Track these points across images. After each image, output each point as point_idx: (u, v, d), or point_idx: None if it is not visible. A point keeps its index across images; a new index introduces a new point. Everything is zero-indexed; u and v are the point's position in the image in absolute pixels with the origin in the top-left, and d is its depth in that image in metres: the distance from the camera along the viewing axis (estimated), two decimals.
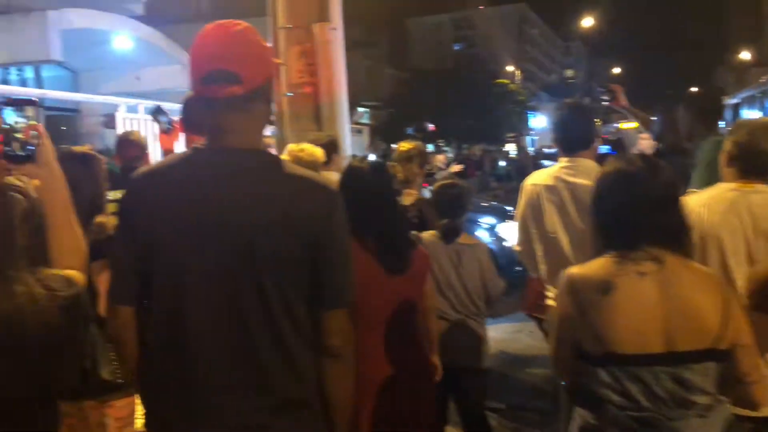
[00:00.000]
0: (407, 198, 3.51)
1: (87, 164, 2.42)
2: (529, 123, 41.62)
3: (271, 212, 1.41)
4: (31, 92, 9.64)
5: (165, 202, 1.43)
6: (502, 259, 5.97)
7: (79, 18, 11.32)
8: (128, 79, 14.16)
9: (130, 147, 3.82)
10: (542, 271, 2.87)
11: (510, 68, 37.87)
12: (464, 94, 29.96)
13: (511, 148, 34.93)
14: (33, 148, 1.39)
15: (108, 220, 2.20)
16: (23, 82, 13.55)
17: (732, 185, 2.19)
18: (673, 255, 1.61)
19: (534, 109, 42.68)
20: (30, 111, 1.40)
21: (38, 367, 1.19)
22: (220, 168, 1.44)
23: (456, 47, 60.63)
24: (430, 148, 22.22)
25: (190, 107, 2.64)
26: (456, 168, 8.93)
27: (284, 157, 3.22)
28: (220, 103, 1.44)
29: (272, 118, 2.69)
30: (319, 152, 3.18)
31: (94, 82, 14.07)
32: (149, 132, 7.39)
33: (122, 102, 7.80)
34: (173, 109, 9.12)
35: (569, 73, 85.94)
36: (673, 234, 1.64)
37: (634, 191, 1.65)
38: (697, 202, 2.17)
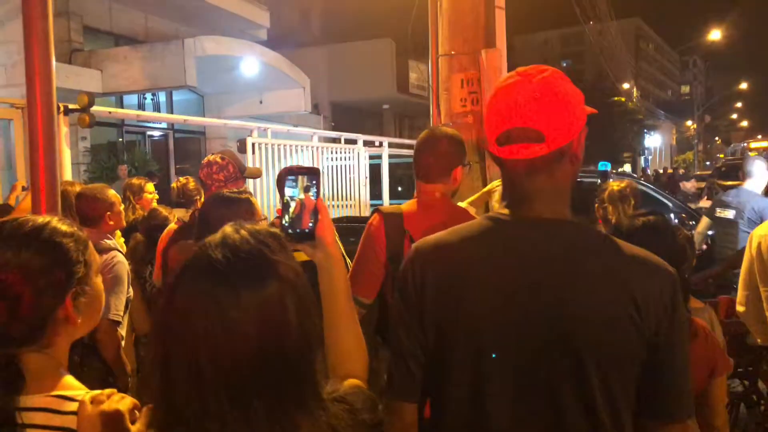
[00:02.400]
0: None
1: (232, 206, 2.30)
2: (644, 142, 39.57)
3: (604, 300, 1.16)
4: (173, 119, 10.08)
5: (466, 282, 1.23)
6: None
7: (212, 45, 11.74)
8: (252, 102, 14.60)
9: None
10: None
11: (626, 85, 36.20)
12: None
13: (627, 169, 33.28)
14: (312, 224, 1.20)
15: None
16: (157, 106, 14.30)
17: None
18: None
19: (651, 127, 40.57)
20: (307, 181, 1.20)
21: None
22: (535, 245, 1.21)
23: (564, 64, 59.10)
24: None
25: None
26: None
27: (494, 193, 2.94)
28: (519, 166, 1.22)
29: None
30: None
31: (219, 104, 14.63)
32: (275, 156, 7.45)
33: (254, 126, 7.89)
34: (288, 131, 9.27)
35: (685, 89, 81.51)
36: None
37: None
38: None
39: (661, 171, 30.02)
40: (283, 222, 1.20)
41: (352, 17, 20.06)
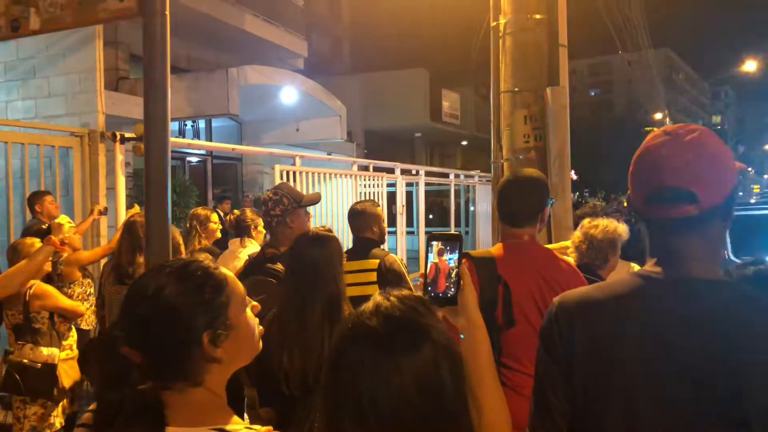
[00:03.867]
0: None
1: (324, 245, 2.39)
2: None
3: (765, 367, 1.13)
4: (220, 147, 10.25)
5: (620, 342, 1.20)
6: None
7: (255, 74, 11.96)
8: (288, 129, 14.78)
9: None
10: None
11: (658, 115, 35.99)
12: (609, 141, 28.69)
13: None
14: (454, 290, 1.23)
15: None
16: (197, 132, 14.57)
17: None
18: None
19: None
20: (442, 245, 1.26)
21: None
22: (690, 305, 1.19)
23: (591, 93, 59.00)
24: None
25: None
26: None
27: (577, 234, 2.93)
28: (670, 224, 1.22)
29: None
30: (621, 229, 2.86)
31: (256, 131, 14.84)
32: (310, 183, 7.46)
33: (296, 156, 7.97)
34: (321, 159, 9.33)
35: (716, 119, 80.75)
36: None
37: None
38: None
39: None
40: (427, 287, 1.24)
41: (386, 47, 20.35)
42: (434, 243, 1.26)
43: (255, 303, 1.34)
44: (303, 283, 2.30)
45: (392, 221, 9.45)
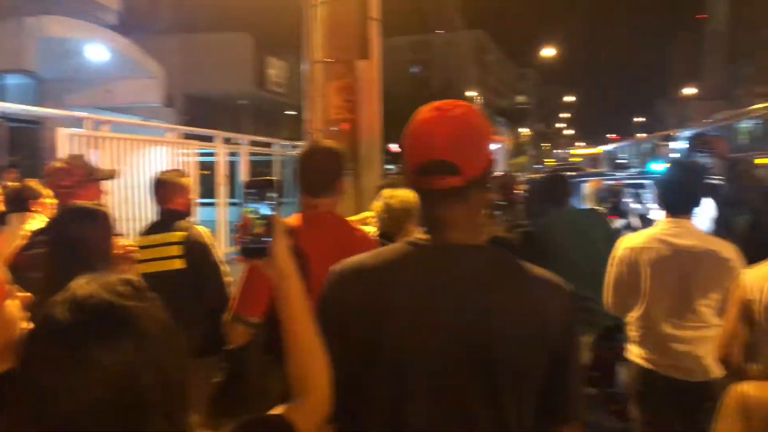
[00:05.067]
0: None
1: (97, 221, 2.22)
2: None
3: (518, 321, 1.30)
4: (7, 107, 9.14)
5: (389, 306, 1.31)
6: None
7: (55, 26, 10.84)
8: (98, 91, 13.65)
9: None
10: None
11: (470, 93, 38.45)
12: None
13: None
14: (267, 239, 1.20)
15: None
16: None
17: None
18: None
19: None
20: (264, 192, 1.21)
21: None
22: (454, 269, 1.33)
23: (412, 70, 61.29)
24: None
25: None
26: None
27: (377, 204, 3.10)
28: (436, 195, 1.33)
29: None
30: (413, 198, 3.05)
31: (59, 91, 13.47)
32: (121, 152, 6.91)
33: (104, 120, 7.37)
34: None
35: (521, 98, 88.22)
36: None
37: None
38: None
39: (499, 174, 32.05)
40: (244, 238, 1.19)
41: (210, 5, 19.35)
42: (248, 191, 1.19)
43: (25, 294, 1.25)
44: (66, 262, 2.06)
45: (211, 193, 9.19)
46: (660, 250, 2.77)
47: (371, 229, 3.10)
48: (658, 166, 7.65)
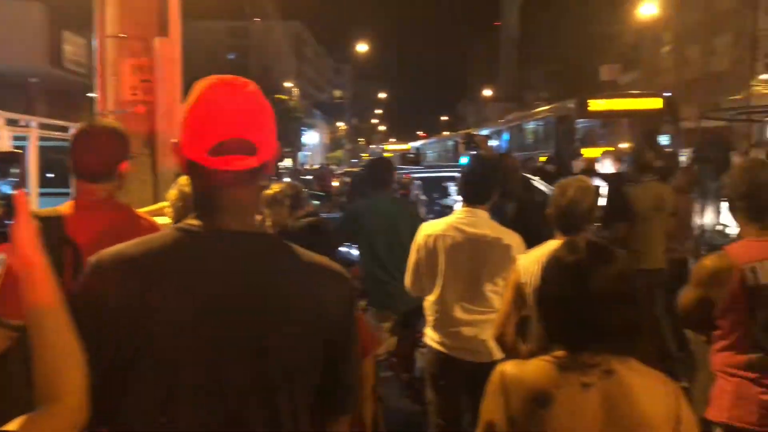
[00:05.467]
0: None
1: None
2: (302, 139, 42.52)
3: (289, 309, 1.24)
4: None
5: (152, 299, 1.18)
6: None
7: None
8: None
9: None
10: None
11: (288, 84, 38.24)
12: None
13: (287, 164, 35.26)
14: (8, 222, 1.05)
15: None
16: None
17: None
18: (623, 361, 1.47)
19: (309, 125, 43.82)
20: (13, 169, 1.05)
21: None
22: (228, 257, 1.24)
23: (230, 56, 59.60)
24: None
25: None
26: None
27: (172, 192, 2.87)
28: (228, 177, 1.22)
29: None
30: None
31: None
32: None
33: None
34: None
35: (337, 93, 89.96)
36: (625, 334, 1.48)
37: (580, 285, 1.47)
38: None
39: (316, 166, 32.46)
40: None
41: None
42: None
43: None
44: None
45: None
46: (455, 237, 2.95)
47: (167, 220, 2.87)
48: (465, 161, 8.29)
